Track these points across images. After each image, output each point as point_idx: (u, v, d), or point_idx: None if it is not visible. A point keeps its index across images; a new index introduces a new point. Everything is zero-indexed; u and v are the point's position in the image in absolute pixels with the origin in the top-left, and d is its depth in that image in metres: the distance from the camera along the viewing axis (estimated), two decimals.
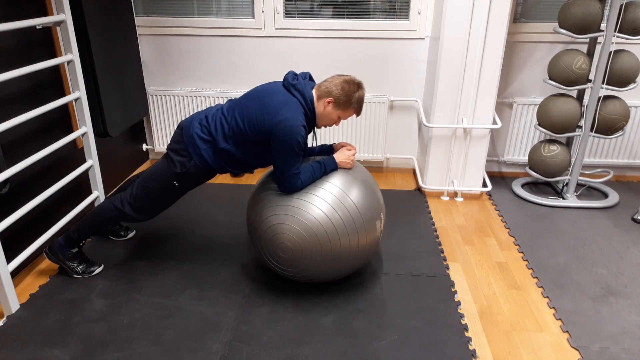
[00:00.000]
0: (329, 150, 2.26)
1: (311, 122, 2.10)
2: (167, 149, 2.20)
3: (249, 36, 3.38)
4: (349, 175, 2.12)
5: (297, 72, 2.41)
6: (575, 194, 3.26)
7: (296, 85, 2.05)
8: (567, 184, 3.20)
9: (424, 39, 3.30)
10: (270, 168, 2.26)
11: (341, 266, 2.11)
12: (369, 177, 2.22)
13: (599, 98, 2.98)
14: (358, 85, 2.07)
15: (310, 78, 2.19)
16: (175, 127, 3.54)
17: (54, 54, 2.55)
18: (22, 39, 2.32)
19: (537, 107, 3.37)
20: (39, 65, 2.20)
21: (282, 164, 2.00)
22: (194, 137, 2.10)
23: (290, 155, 1.98)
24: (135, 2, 3.36)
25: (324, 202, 2.02)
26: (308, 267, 2.08)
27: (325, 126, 2.17)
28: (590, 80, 2.96)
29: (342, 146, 2.21)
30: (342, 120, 2.14)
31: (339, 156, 2.13)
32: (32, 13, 2.38)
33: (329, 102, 2.06)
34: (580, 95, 3.11)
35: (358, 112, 2.13)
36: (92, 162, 2.67)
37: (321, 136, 3.58)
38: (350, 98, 2.05)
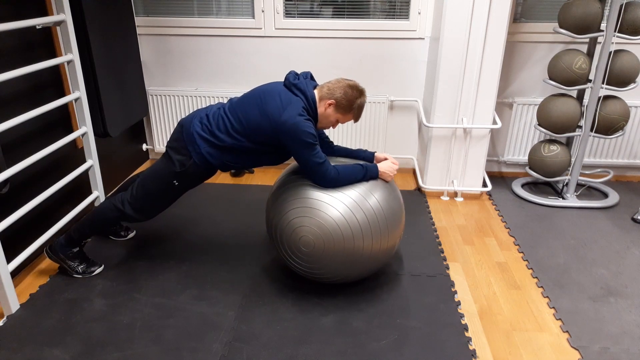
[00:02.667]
0: (370, 157, 2.27)
1: (314, 121, 2.10)
2: (167, 147, 2.20)
3: (249, 36, 3.38)
4: (389, 191, 2.14)
5: (298, 72, 2.41)
6: (575, 194, 3.26)
7: (298, 84, 2.04)
8: (567, 184, 3.21)
9: (424, 39, 3.30)
10: (287, 167, 2.28)
11: (358, 267, 2.10)
12: (401, 200, 2.25)
13: (599, 98, 2.98)
14: (361, 92, 2.07)
15: (312, 78, 2.19)
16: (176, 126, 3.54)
17: (54, 54, 2.55)
18: (22, 39, 2.32)
19: (537, 107, 3.37)
20: (39, 65, 2.20)
21: (304, 158, 2.00)
22: (194, 136, 2.10)
23: (307, 147, 1.97)
24: (135, 2, 3.36)
25: (350, 198, 2.02)
26: (328, 264, 2.07)
27: (322, 128, 2.17)
28: (590, 80, 2.96)
29: (385, 158, 2.23)
30: (339, 123, 2.15)
31: (382, 166, 2.14)
32: (32, 13, 2.38)
33: (330, 104, 2.06)
34: (580, 95, 3.12)
35: (356, 119, 2.14)
36: (92, 162, 2.67)
37: None
38: (352, 103, 2.06)
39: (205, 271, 2.41)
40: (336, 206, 2.01)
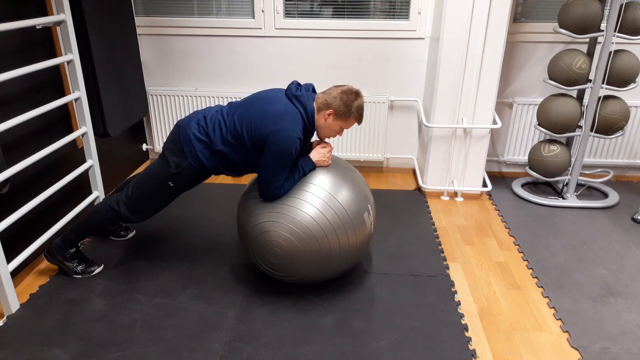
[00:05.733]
0: (309, 149, 2.25)
1: (309, 134, 2.11)
2: (163, 148, 2.20)
3: (249, 36, 3.38)
4: (331, 174, 2.11)
5: (301, 83, 2.40)
6: (575, 194, 3.26)
7: (299, 97, 2.04)
8: (567, 184, 3.21)
9: (424, 39, 3.30)
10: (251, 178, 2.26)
11: (334, 265, 2.11)
12: (351, 172, 2.21)
13: (599, 98, 2.98)
14: (356, 94, 2.07)
15: (313, 90, 2.18)
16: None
17: (54, 54, 2.55)
18: (22, 39, 2.32)
19: (537, 107, 3.37)
20: (39, 65, 2.20)
21: (270, 173, 2.00)
22: (191, 137, 2.10)
23: (280, 165, 1.98)
24: (135, 2, 3.36)
25: (311, 205, 2.02)
26: (300, 270, 2.09)
27: (328, 137, 2.18)
28: (590, 80, 2.96)
29: (318, 144, 2.20)
30: (345, 129, 2.15)
31: (314, 155, 2.12)
32: (32, 13, 2.38)
33: (329, 114, 2.06)
34: (580, 95, 3.11)
35: (359, 121, 2.13)
36: (92, 162, 2.67)
37: None
38: (349, 108, 2.05)
39: (205, 271, 2.41)
40: (298, 216, 2.01)
